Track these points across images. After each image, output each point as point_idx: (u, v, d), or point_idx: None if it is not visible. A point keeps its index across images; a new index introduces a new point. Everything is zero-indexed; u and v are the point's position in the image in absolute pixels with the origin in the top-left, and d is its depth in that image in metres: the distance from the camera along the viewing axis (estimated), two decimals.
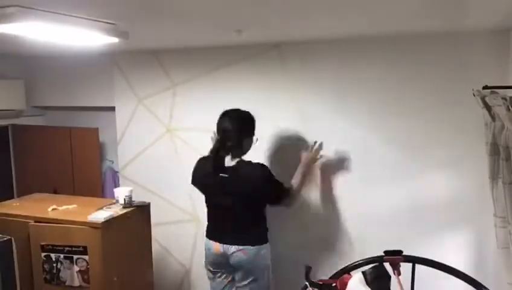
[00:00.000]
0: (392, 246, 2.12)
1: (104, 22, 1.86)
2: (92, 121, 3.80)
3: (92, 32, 1.86)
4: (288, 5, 1.68)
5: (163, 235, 3.44)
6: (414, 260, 2.11)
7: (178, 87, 3.33)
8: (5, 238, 2.30)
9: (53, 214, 2.63)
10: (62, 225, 2.50)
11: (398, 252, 2.09)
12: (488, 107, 1.89)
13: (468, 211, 2.60)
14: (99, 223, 2.44)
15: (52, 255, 2.50)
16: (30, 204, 2.88)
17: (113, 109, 3.58)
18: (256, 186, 2.52)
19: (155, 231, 3.05)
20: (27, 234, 2.53)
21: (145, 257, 2.87)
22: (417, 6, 1.75)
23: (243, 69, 3.08)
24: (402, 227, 2.75)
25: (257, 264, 2.61)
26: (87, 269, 2.46)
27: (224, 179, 2.53)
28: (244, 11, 1.79)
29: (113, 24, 1.92)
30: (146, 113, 3.45)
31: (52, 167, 3.82)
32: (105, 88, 3.60)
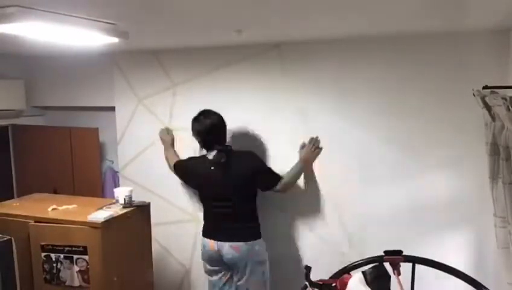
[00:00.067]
0: (392, 246, 2.13)
1: (104, 22, 1.86)
2: (92, 121, 3.80)
3: (92, 32, 1.86)
4: (288, 5, 1.68)
5: (163, 235, 3.44)
6: (414, 260, 2.12)
7: (178, 87, 3.32)
8: (5, 238, 2.30)
9: (53, 214, 2.63)
10: (62, 225, 2.50)
11: (398, 252, 2.09)
12: (488, 107, 1.89)
13: (468, 211, 2.61)
14: (99, 223, 2.44)
15: (52, 255, 2.50)
16: (30, 204, 2.88)
17: (113, 109, 3.58)
18: (248, 169, 2.70)
19: (155, 231, 3.05)
20: (27, 234, 2.52)
21: (145, 257, 2.87)
22: (417, 6, 1.75)
23: (243, 69, 3.08)
24: (402, 227, 2.75)
25: (251, 260, 2.64)
26: (87, 269, 2.46)
27: (215, 174, 2.69)
28: (244, 11, 1.79)
29: (113, 24, 1.92)
30: (146, 113, 3.45)
31: (52, 167, 3.81)
32: (105, 88, 3.60)
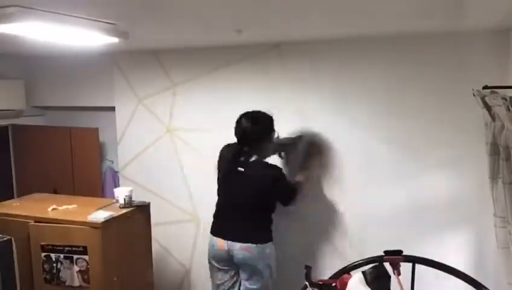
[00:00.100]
0: (392, 246, 2.13)
1: (104, 22, 1.86)
2: (92, 121, 3.80)
3: (92, 32, 1.86)
4: (288, 5, 1.68)
5: (163, 235, 3.44)
6: (414, 260, 2.12)
7: (178, 87, 3.32)
8: (5, 238, 2.30)
9: (53, 214, 2.63)
10: (62, 225, 2.50)
11: (398, 252, 2.09)
12: (488, 107, 1.89)
13: (468, 211, 2.60)
14: (99, 223, 2.44)
15: (52, 255, 2.50)
16: (30, 204, 2.88)
17: (113, 109, 3.58)
18: (267, 183, 2.61)
19: (155, 231, 3.05)
20: (27, 234, 2.52)
21: (145, 257, 2.87)
22: (417, 6, 1.75)
23: (243, 69, 3.08)
24: (402, 227, 2.75)
25: (261, 263, 2.63)
26: (87, 269, 2.46)
27: (240, 173, 2.63)
28: (244, 11, 1.79)
29: (113, 24, 1.92)
30: (146, 113, 3.45)
31: (52, 167, 3.81)
32: (105, 88, 3.60)
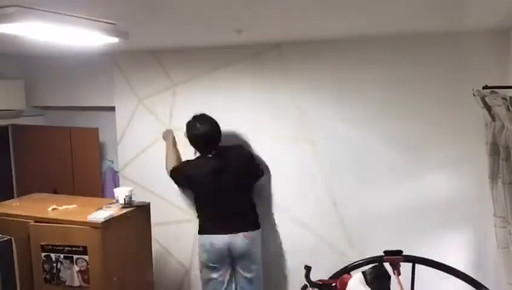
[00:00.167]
0: (392, 246, 2.13)
1: (104, 22, 1.86)
2: (92, 121, 3.80)
3: (92, 32, 1.86)
4: (288, 5, 1.68)
5: (163, 235, 3.44)
6: (414, 260, 2.12)
7: (178, 87, 3.32)
8: (5, 238, 2.30)
9: (53, 214, 2.63)
10: (62, 225, 2.50)
11: (398, 252, 2.09)
12: (488, 107, 1.89)
13: (468, 211, 2.60)
14: (99, 223, 2.43)
15: (52, 255, 2.50)
16: (30, 204, 2.88)
17: (113, 109, 3.58)
18: (244, 158, 2.90)
19: (155, 231, 3.05)
20: (27, 234, 2.52)
21: (145, 257, 2.87)
22: (417, 6, 1.75)
23: (243, 69, 3.07)
24: (402, 227, 2.74)
25: (258, 249, 2.80)
26: (87, 269, 2.46)
27: (215, 166, 2.78)
28: (244, 11, 1.79)
29: (113, 24, 1.92)
30: (146, 113, 3.45)
31: (52, 167, 3.81)
32: (105, 88, 3.60)
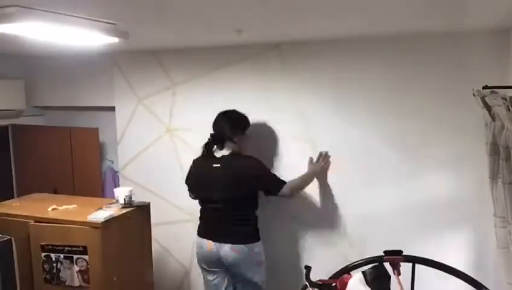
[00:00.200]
0: (392, 246, 2.13)
1: (104, 22, 1.86)
2: (92, 121, 3.80)
3: (92, 32, 1.86)
4: (288, 5, 1.68)
5: (163, 235, 3.44)
6: (414, 260, 2.12)
7: (178, 87, 3.32)
8: (5, 238, 2.30)
9: (53, 214, 2.63)
10: (62, 225, 2.50)
11: (398, 252, 2.09)
12: (488, 107, 1.89)
13: (468, 211, 2.60)
14: (99, 223, 2.44)
15: (52, 255, 2.50)
16: (30, 204, 2.88)
17: (113, 109, 3.58)
18: (248, 173, 2.64)
19: (155, 231, 3.05)
20: (27, 234, 2.53)
21: (145, 257, 2.87)
22: (417, 6, 1.75)
23: (243, 69, 3.07)
24: (402, 227, 2.74)
25: (250, 262, 2.63)
26: (87, 269, 2.46)
27: (217, 170, 2.65)
28: (244, 11, 1.79)
29: (113, 24, 1.92)
30: (146, 113, 3.45)
31: (52, 167, 3.81)
32: (105, 88, 3.60)
